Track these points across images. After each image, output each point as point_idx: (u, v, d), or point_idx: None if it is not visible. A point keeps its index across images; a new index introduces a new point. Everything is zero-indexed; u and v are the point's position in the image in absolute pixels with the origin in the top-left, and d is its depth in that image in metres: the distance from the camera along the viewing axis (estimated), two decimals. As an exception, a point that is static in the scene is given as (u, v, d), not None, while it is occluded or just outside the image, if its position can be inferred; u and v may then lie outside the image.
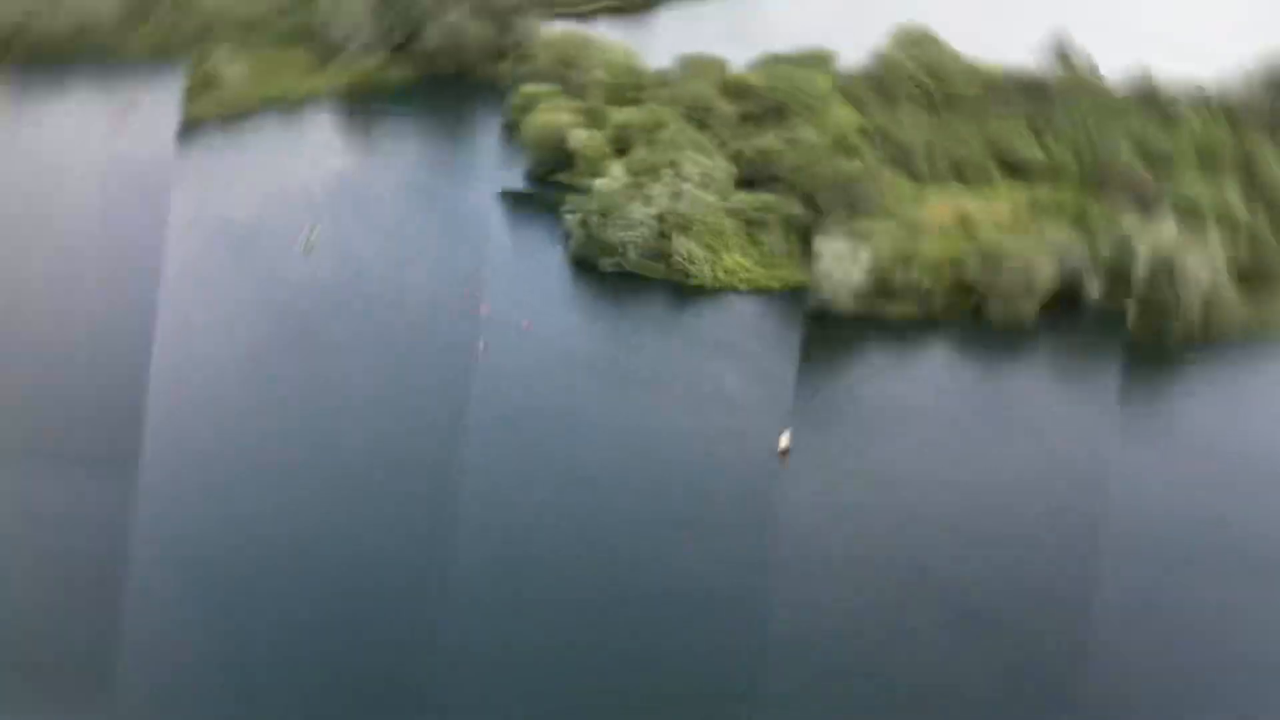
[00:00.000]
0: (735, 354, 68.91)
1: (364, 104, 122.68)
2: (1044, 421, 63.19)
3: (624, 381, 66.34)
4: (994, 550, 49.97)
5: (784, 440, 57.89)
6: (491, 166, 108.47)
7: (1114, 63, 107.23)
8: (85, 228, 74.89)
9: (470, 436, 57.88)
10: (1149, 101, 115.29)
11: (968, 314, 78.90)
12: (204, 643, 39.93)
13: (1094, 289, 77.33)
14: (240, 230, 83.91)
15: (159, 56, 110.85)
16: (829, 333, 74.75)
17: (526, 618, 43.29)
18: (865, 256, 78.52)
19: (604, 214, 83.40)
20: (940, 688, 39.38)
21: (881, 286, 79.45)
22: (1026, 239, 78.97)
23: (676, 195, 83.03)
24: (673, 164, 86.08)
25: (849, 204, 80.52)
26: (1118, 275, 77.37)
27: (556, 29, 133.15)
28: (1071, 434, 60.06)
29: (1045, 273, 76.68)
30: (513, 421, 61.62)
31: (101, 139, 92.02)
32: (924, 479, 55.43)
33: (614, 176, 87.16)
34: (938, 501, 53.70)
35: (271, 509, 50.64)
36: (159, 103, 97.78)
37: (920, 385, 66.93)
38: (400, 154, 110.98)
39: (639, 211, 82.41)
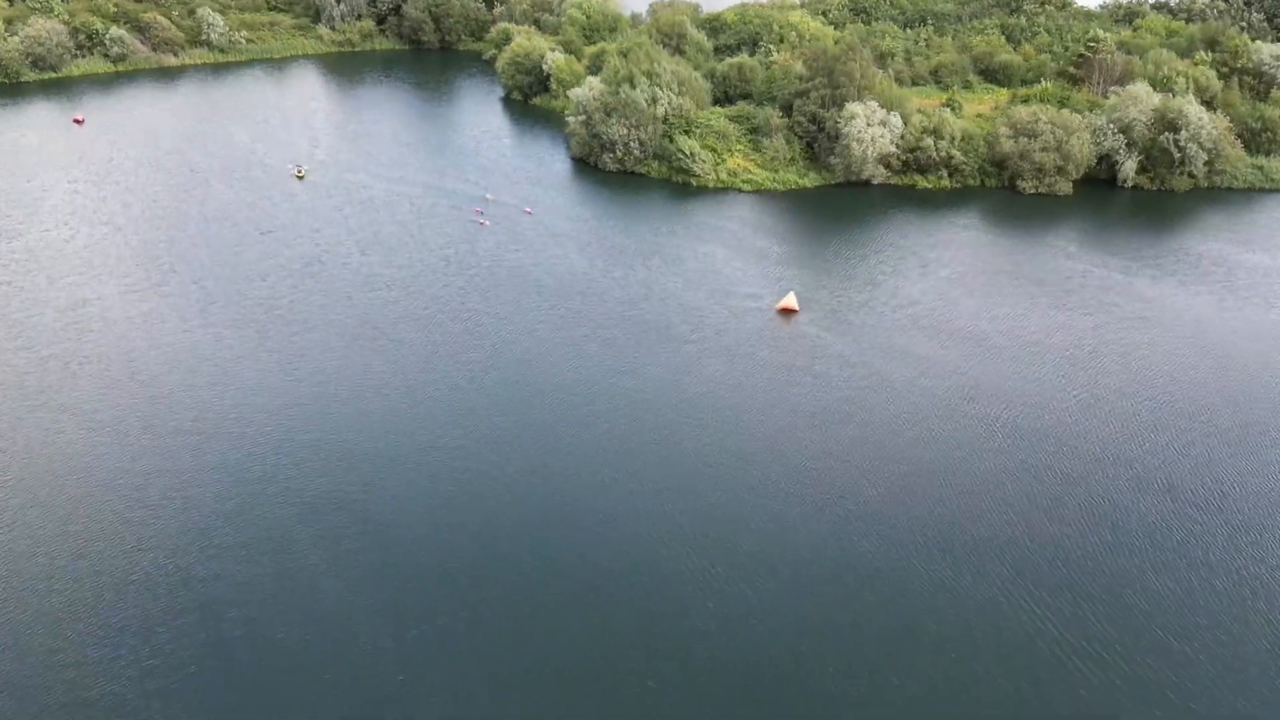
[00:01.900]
0: (730, 239, 67.27)
1: (351, 63, 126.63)
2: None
3: (616, 251, 65.46)
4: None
5: (787, 300, 56.86)
6: (480, 92, 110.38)
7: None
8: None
9: (476, 287, 57.63)
10: (1114, 11, 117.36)
11: (1002, 187, 78.62)
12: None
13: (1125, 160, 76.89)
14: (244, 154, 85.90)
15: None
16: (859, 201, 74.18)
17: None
18: (896, 121, 77.46)
19: (607, 111, 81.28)
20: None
21: (911, 158, 78.94)
22: (1056, 115, 78.29)
23: (653, 100, 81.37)
24: (648, 74, 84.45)
25: (852, 87, 78.98)
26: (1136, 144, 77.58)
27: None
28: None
29: (1081, 150, 75.95)
30: (514, 273, 61.57)
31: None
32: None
33: (590, 85, 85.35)
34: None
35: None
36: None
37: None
38: (393, 89, 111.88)
39: (643, 108, 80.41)
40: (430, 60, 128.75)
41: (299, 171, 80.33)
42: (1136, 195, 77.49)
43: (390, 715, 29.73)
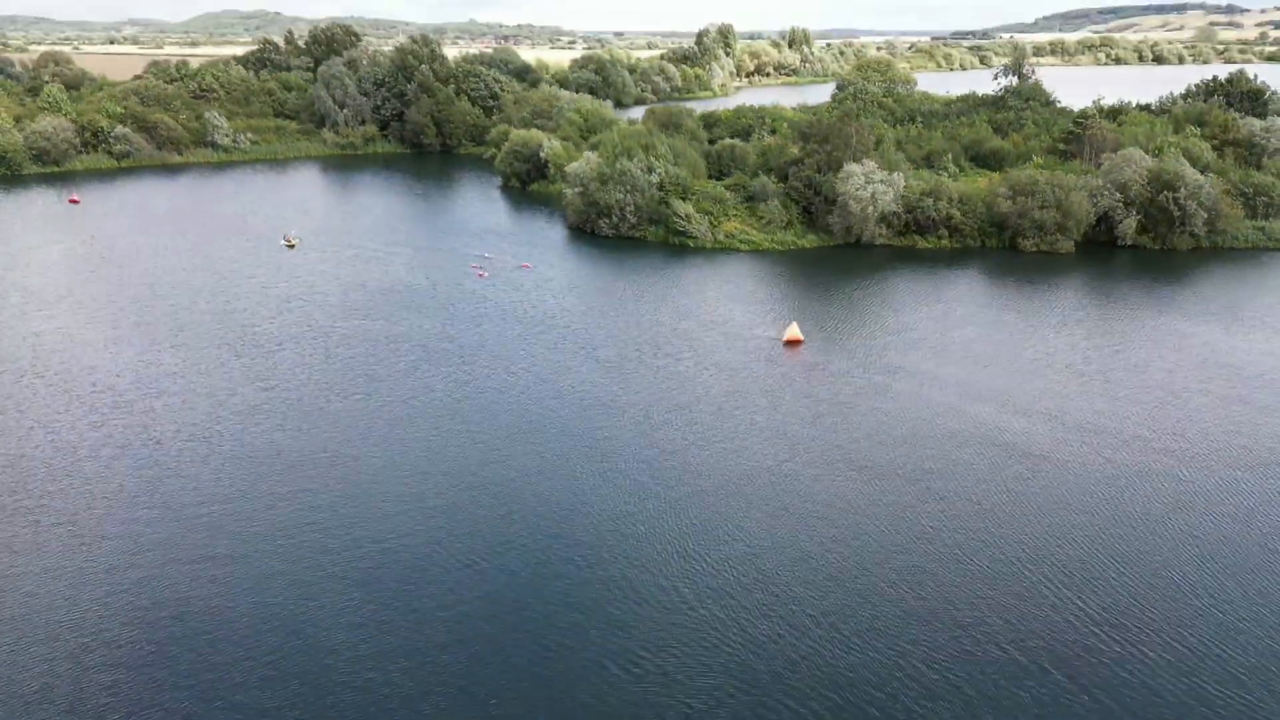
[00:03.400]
0: (729, 287, 65.66)
1: (353, 162, 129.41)
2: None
3: (613, 295, 63.95)
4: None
5: (790, 331, 54.89)
6: (478, 182, 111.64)
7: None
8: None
9: (479, 324, 55.10)
10: (1099, 110, 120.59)
11: (1003, 247, 77.70)
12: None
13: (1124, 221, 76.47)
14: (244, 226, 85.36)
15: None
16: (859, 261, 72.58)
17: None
18: (897, 179, 77.21)
19: (603, 180, 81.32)
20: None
21: (910, 218, 78.34)
22: (1056, 175, 78.52)
23: (649, 169, 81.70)
24: (645, 147, 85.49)
25: (848, 151, 79.35)
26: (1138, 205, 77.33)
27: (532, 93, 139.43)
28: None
29: (1080, 206, 75.64)
30: (509, 313, 59.48)
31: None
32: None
33: (587, 159, 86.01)
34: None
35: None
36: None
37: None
38: (391, 179, 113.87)
39: (639, 176, 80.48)
40: (430, 160, 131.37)
41: (290, 240, 79.19)
42: (1139, 254, 76.47)
43: None
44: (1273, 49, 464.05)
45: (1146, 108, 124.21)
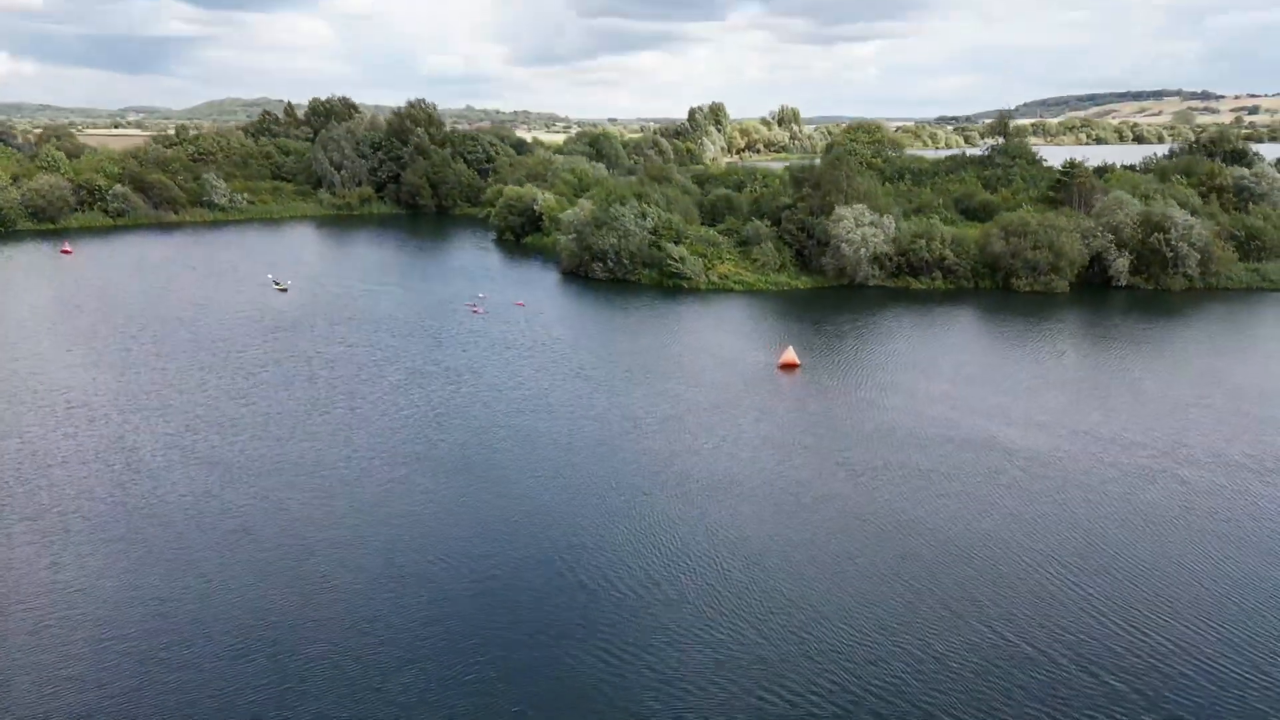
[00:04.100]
0: (724, 322, 64.99)
1: (348, 221, 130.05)
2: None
3: (602, 326, 62.95)
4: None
5: (786, 355, 54.03)
6: (472, 236, 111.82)
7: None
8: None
9: (466, 350, 53.76)
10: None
11: (997, 288, 77.34)
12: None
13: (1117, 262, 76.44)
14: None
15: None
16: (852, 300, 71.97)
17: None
18: (887, 222, 77.35)
19: (597, 225, 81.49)
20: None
21: (903, 260, 78.15)
22: (1048, 217, 78.93)
23: (642, 215, 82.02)
24: (638, 195, 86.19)
25: (839, 195, 79.85)
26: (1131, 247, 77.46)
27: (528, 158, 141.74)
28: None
29: (1072, 247, 75.69)
30: (498, 341, 58.31)
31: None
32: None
33: (581, 206, 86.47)
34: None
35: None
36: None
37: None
38: (385, 233, 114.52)
39: (631, 221, 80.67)
40: (425, 220, 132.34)
41: (281, 284, 78.51)
42: (1133, 293, 76.26)
43: None
44: (1248, 131, 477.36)
45: (1131, 167, 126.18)
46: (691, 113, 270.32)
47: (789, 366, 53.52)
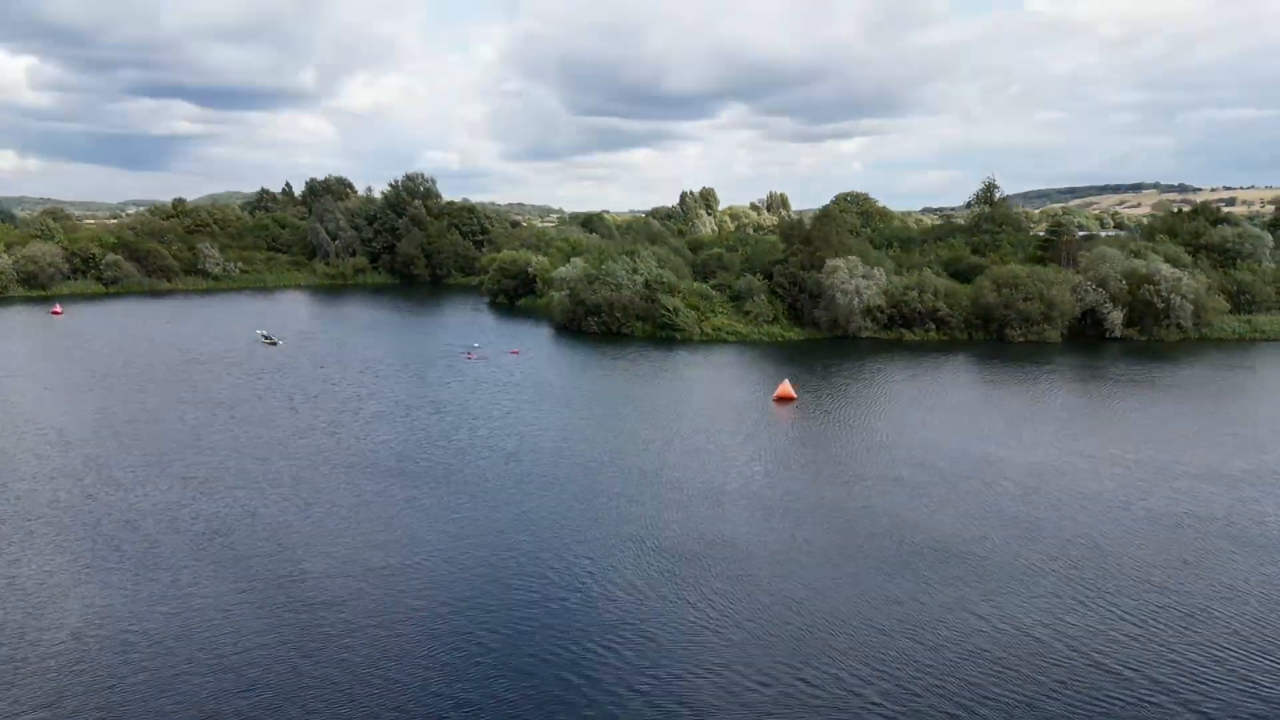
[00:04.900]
0: (719, 369, 64.21)
1: (342, 289, 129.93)
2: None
3: (593, 370, 61.80)
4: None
5: (782, 389, 53.24)
6: (466, 301, 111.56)
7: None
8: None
9: (449, 386, 52.53)
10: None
11: (990, 339, 76.93)
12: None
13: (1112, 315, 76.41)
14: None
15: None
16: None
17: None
18: (878, 274, 77.39)
19: (590, 281, 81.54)
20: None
21: (896, 312, 77.90)
22: (1037, 271, 79.33)
23: (635, 270, 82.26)
24: (629, 253, 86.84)
25: (829, 250, 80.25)
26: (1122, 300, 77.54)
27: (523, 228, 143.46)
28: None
29: (1063, 299, 75.70)
30: (503, 385, 56.99)
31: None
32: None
33: (573, 264, 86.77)
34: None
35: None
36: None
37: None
38: (378, 300, 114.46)
39: (625, 275, 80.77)
40: (419, 288, 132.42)
41: (271, 339, 77.39)
42: (1126, 344, 75.91)
43: None
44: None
45: (1116, 236, 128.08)
46: (683, 196, 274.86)
47: (784, 399, 52.56)
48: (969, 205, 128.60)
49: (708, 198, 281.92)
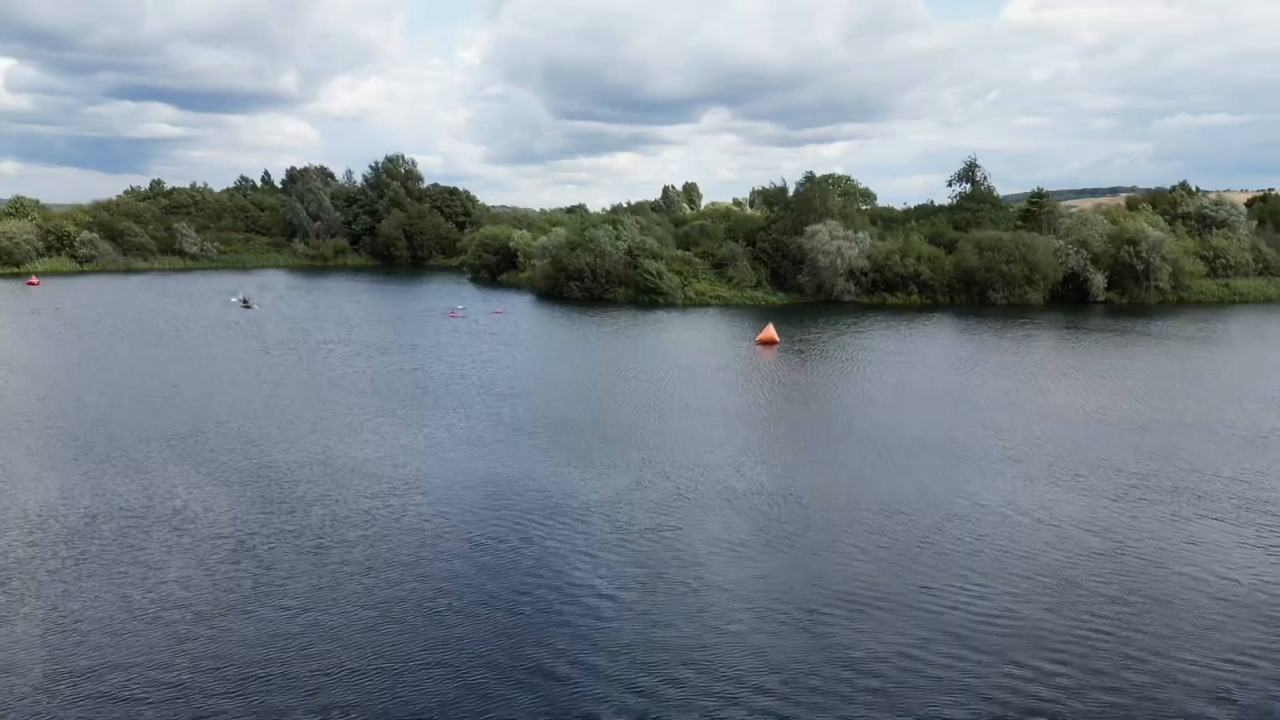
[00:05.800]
0: (703, 326, 63.99)
1: (321, 270, 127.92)
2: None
3: (575, 328, 61.50)
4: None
5: (766, 332, 53.12)
6: (448, 279, 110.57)
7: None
8: None
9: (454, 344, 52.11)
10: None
11: (973, 303, 76.91)
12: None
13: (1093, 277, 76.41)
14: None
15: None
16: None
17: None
18: (863, 237, 77.30)
19: (571, 247, 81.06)
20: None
21: (879, 276, 77.84)
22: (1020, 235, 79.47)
23: (617, 238, 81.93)
24: (612, 222, 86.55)
25: (812, 214, 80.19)
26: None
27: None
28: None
29: (1046, 262, 75.73)
30: (488, 333, 56.54)
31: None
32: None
33: (555, 233, 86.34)
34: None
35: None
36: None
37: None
38: (356, 277, 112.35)
39: (609, 242, 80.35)
40: (400, 269, 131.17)
41: (246, 301, 76.30)
42: (1108, 306, 76.18)
43: None
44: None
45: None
46: (666, 189, 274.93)
47: (768, 343, 52.33)
48: (950, 183, 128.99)
49: (690, 191, 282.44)
